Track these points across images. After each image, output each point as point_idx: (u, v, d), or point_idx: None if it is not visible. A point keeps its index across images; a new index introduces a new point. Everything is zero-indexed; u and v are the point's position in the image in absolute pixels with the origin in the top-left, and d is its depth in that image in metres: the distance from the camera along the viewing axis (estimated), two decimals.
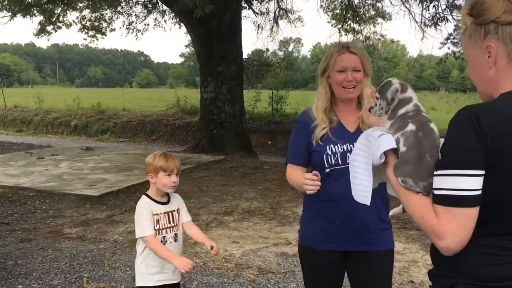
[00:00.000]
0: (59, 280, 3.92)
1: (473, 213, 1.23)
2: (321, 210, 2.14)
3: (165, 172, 2.52)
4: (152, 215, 2.50)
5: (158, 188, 2.57)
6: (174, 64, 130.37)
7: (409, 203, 1.37)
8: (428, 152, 1.35)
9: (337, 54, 2.09)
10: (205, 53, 11.96)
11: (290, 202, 6.53)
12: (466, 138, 1.22)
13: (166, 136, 16.84)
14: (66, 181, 7.48)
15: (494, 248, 1.27)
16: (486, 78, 1.35)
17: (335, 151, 2.08)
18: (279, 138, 15.24)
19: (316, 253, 2.17)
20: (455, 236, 1.23)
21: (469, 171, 1.22)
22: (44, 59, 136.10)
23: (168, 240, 2.55)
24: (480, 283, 1.26)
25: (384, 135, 1.46)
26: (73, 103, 20.70)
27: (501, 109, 1.25)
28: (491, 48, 1.31)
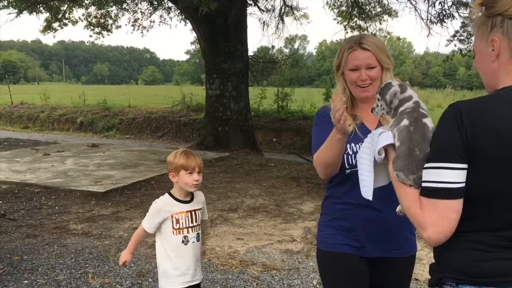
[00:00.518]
0: (64, 276, 3.94)
1: (454, 205, 1.25)
2: (342, 214, 2.00)
3: (186, 170, 2.44)
4: (170, 215, 2.45)
5: (180, 187, 2.50)
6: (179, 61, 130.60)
7: (401, 195, 1.41)
8: (417, 146, 1.38)
9: (349, 52, 1.95)
10: (211, 50, 11.96)
11: (294, 199, 6.53)
12: (448, 132, 1.26)
13: (171, 133, 16.88)
14: (72, 178, 7.52)
15: (482, 244, 1.27)
16: (490, 71, 1.36)
17: (356, 151, 1.95)
18: (284, 135, 15.24)
19: (337, 260, 2.01)
20: (436, 227, 1.26)
21: (450, 164, 1.25)
22: (50, 56, 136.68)
23: (190, 240, 2.48)
24: (467, 278, 1.27)
25: (384, 132, 1.53)
26: (79, 100, 20.78)
27: (485, 105, 1.27)
28: (494, 42, 1.31)
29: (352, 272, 2.00)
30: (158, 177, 7.71)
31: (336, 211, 2.03)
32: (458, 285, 1.28)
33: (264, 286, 3.78)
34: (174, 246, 2.46)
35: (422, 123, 1.42)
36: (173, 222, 2.45)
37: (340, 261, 2.00)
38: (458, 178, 1.24)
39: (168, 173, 2.52)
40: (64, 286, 3.75)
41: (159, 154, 10.25)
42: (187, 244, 2.46)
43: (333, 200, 2.05)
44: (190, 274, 2.49)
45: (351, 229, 1.98)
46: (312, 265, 4.22)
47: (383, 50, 1.96)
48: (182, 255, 2.47)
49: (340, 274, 2.03)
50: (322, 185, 7.22)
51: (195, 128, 16.21)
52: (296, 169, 8.81)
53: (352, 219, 1.97)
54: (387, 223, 1.92)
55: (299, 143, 14.41)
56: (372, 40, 1.97)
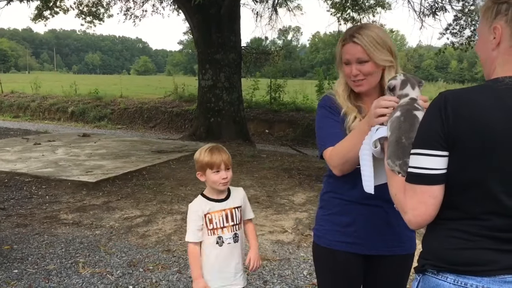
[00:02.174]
0: (54, 265, 3.92)
1: (432, 190, 1.28)
2: (343, 209, 1.96)
3: (212, 168, 2.29)
4: (204, 215, 2.31)
5: (210, 187, 2.35)
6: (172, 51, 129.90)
7: (391, 183, 1.45)
8: (404, 135, 1.44)
9: (341, 44, 1.91)
10: (203, 40, 11.89)
11: (286, 191, 6.54)
12: (431, 119, 1.28)
13: (163, 123, 16.83)
14: (63, 167, 7.47)
15: (462, 232, 1.28)
16: (489, 59, 1.36)
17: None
18: (277, 127, 15.25)
19: (333, 255, 1.98)
20: (415, 210, 1.29)
21: (428, 151, 1.27)
22: (41, 44, 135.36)
23: (225, 241, 2.31)
24: (447, 266, 1.29)
25: (380, 128, 1.59)
26: (70, 89, 20.62)
27: (471, 96, 1.27)
28: (496, 30, 1.30)
29: (347, 270, 1.99)
30: (150, 167, 7.68)
31: (336, 205, 1.99)
32: (439, 272, 1.30)
33: (255, 276, 3.79)
34: (209, 247, 2.33)
35: (413, 114, 1.47)
36: (207, 222, 2.31)
37: (336, 259, 1.98)
38: (437, 165, 1.26)
39: (196, 172, 2.38)
40: (54, 275, 3.73)
41: (151, 145, 10.21)
42: (222, 245, 2.30)
43: (334, 194, 2.00)
44: (226, 278, 2.33)
45: (351, 224, 1.94)
46: (303, 256, 4.24)
47: (379, 45, 1.85)
48: (217, 257, 2.32)
49: (335, 272, 2.01)
50: (314, 176, 7.25)
51: (187, 119, 16.17)
52: (288, 160, 8.82)
53: (352, 215, 1.93)
54: (388, 220, 1.90)
55: (291, 134, 14.43)
56: (368, 33, 1.84)
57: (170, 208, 5.60)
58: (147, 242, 4.52)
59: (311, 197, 6.20)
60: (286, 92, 17.65)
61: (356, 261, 1.97)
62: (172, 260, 4.09)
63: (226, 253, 2.32)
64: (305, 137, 14.10)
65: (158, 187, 6.56)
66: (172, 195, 6.16)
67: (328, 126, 1.94)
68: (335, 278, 2.01)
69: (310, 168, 7.98)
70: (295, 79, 38.99)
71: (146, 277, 3.75)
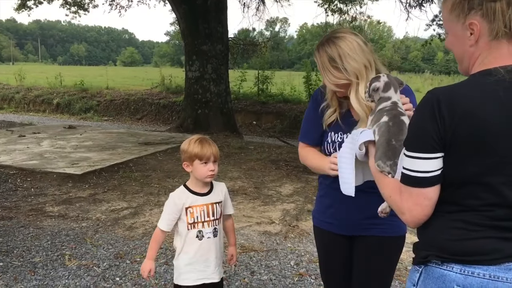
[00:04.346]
0: (40, 258, 3.89)
1: (427, 192, 1.29)
2: (326, 192, 2.11)
3: (201, 160, 2.28)
4: (185, 208, 2.31)
5: (196, 178, 2.35)
6: (159, 42, 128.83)
7: (381, 185, 1.48)
8: (394, 137, 1.50)
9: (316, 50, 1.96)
10: (190, 31, 11.81)
11: (274, 182, 6.56)
12: (425, 122, 1.27)
13: (150, 115, 16.71)
14: (48, 160, 7.39)
15: (464, 223, 1.29)
16: (467, 54, 1.34)
17: (334, 140, 2.01)
18: (264, 118, 15.24)
19: (322, 233, 2.19)
20: (412, 211, 1.32)
21: (424, 155, 1.27)
22: (25, 35, 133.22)
23: (205, 235, 2.32)
24: (450, 256, 1.29)
25: (365, 130, 1.63)
26: (55, 80, 20.35)
27: (462, 91, 1.26)
28: (474, 26, 1.28)
29: (333, 248, 2.16)
30: (137, 159, 7.64)
31: (323, 188, 2.15)
32: (443, 263, 1.30)
33: (242, 267, 3.80)
34: (188, 241, 2.33)
35: (400, 120, 1.55)
36: (188, 216, 2.31)
37: (324, 237, 2.18)
38: (433, 167, 1.27)
39: (182, 162, 2.37)
40: (40, 268, 3.71)
41: (137, 137, 10.15)
42: (201, 239, 2.32)
43: (322, 179, 2.15)
44: (204, 271, 2.35)
45: (330, 206, 2.09)
46: (290, 247, 4.26)
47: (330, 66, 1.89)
48: (196, 251, 2.33)
49: (324, 249, 2.22)
50: (301, 168, 7.26)
51: (174, 111, 16.08)
52: (275, 152, 8.83)
53: (332, 197, 2.06)
54: (368, 203, 1.92)
55: (279, 126, 14.44)
56: (327, 50, 1.89)
57: (157, 200, 5.59)
58: (134, 234, 4.51)
59: (298, 188, 6.23)
60: (273, 83, 17.64)
61: (341, 241, 2.11)
62: (159, 252, 4.08)
63: (205, 247, 2.34)
64: (292, 128, 14.12)
65: (145, 179, 6.53)
66: (159, 187, 6.13)
67: (306, 119, 2.15)
68: (325, 254, 2.23)
69: (297, 160, 7.92)
70: (282, 71, 38.94)
71: (133, 269, 3.74)
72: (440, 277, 1.30)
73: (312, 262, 3.91)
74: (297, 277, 3.67)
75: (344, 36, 1.90)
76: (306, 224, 4.85)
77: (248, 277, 3.64)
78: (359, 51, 1.88)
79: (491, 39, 1.27)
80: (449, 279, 1.28)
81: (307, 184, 6.42)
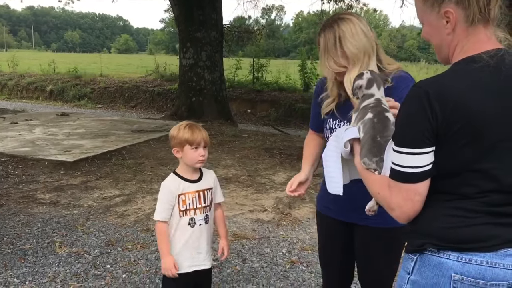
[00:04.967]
0: (30, 245, 3.87)
1: (417, 188, 1.27)
2: None
3: (191, 145, 2.26)
4: (177, 195, 2.28)
5: (186, 164, 2.32)
6: (154, 30, 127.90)
7: (368, 182, 1.46)
8: (379, 134, 1.49)
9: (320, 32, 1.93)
10: (184, 18, 11.69)
11: (267, 170, 6.54)
12: (415, 116, 1.25)
13: (145, 103, 16.63)
14: (40, 147, 7.33)
15: (461, 210, 1.27)
16: (445, 43, 1.34)
17: (332, 127, 2.00)
18: (259, 106, 15.19)
19: (321, 218, 2.20)
20: (402, 207, 1.30)
21: (416, 150, 1.25)
22: (18, 22, 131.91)
23: (197, 222, 2.31)
24: (447, 244, 1.27)
25: (349, 128, 1.63)
26: (48, 67, 20.17)
27: (449, 82, 1.25)
28: (449, 14, 1.28)
29: (332, 233, 2.16)
30: (130, 147, 7.59)
31: None
32: (440, 251, 1.28)
33: (234, 254, 3.79)
34: (180, 228, 2.31)
35: (385, 116, 1.54)
36: (180, 203, 2.28)
37: (323, 222, 2.19)
38: (423, 162, 1.25)
39: (172, 148, 2.34)
40: (30, 255, 3.68)
41: (131, 124, 10.08)
42: (193, 227, 2.30)
43: None
44: (196, 258, 2.34)
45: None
46: (283, 234, 4.25)
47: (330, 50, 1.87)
48: (188, 238, 2.31)
49: (324, 233, 2.23)
50: (295, 156, 7.25)
51: (169, 98, 15.99)
52: (270, 140, 8.80)
53: None
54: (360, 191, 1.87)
55: (274, 114, 14.40)
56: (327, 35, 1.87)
57: (150, 188, 5.56)
58: (126, 221, 4.48)
59: (292, 176, 6.16)
60: (268, 71, 17.56)
61: (340, 227, 2.10)
62: (151, 239, 4.06)
63: (197, 234, 2.33)
64: (287, 117, 14.09)
65: (138, 166, 6.49)
66: (152, 175, 6.10)
67: (312, 108, 2.20)
68: (324, 239, 2.23)
69: (291, 148, 7.98)
70: (278, 59, 38.75)
71: (124, 256, 3.73)
72: (437, 265, 1.28)
73: (304, 250, 3.91)
74: (289, 264, 3.66)
75: (350, 19, 1.87)
76: (299, 212, 4.84)
77: (240, 265, 3.63)
78: (361, 36, 1.85)
79: (468, 25, 1.27)
80: (446, 266, 1.26)
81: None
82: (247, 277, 3.44)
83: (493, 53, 1.25)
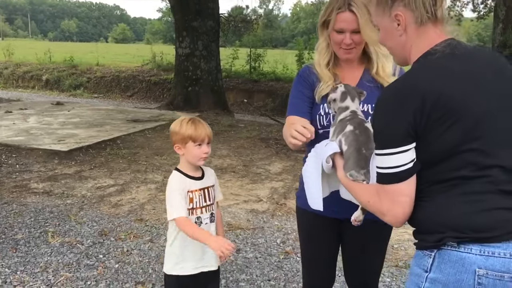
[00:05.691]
0: (23, 235, 3.83)
1: (403, 188, 1.29)
2: None
3: (195, 142, 2.12)
4: (186, 192, 2.14)
5: (187, 161, 2.18)
6: (151, 19, 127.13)
7: (357, 193, 1.49)
8: (364, 146, 1.53)
9: (337, 12, 1.84)
10: (180, 7, 11.58)
11: (262, 160, 6.51)
12: (392, 117, 1.28)
13: (141, 92, 16.54)
14: (34, 136, 7.28)
15: (470, 195, 1.26)
16: (400, 45, 1.41)
17: (327, 112, 1.92)
18: (256, 96, 15.12)
19: (306, 215, 2.06)
20: (391, 211, 1.32)
21: (398, 149, 1.27)
22: (15, 10, 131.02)
23: (203, 221, 2.18)
24: (466, 234, 1.24)
25: (329, 143, 1.65)
26: (44, 56, 20.01)
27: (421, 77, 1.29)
28: (399, 17, 1.35)
29: (317, 230, 2.08)
30: (125, 136, 7.54)
31: None
32: (460, 245, 1.24)
33: None
34: None
35: (365, 127, 1.58)
36: (187, 201, 2.15)
37: (308, 219, 2.08)
38: (404, 160, 1.27)
39: (173, 144, 2.19)
40: (22, 245, 3.65)
41: (126, 114, 10.02)
42: (200, 226, 2.16)
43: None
44: (202, 259, 2.20)
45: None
46: (277, 224, 4.23)
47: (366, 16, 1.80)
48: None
49: (308, 231, 2.14)
50: None
51: (165, 88, 15.90)
52: (266, 130, 8.77)
53: None
54: None
55: (270, 104, 14.34)
56: (361, 3, 1.81)
57: (144, 178, 5.52)
58: (120, 211, 4.45)
59: (287, 167, 6.18)
60: (266, 61, 17.46)
61: (328, 223, 2.03)
62: (145, 230, 4.04)
63: None
64: (284, 107, 13.75)
65: (132, 156, 6.45)
66: (147, 164, 6.07)
67: (292, 95, 2.05)
68: (308, 236, 2.14)
69: None
70: (275, 49, 38.57)
71: (118, 246, 3.70)
72: (458, 261, 1.24)
73: (298, 241, 3.87)
74: (283, 255, 3.64)
75: None
76: (294, 202, 4.78)
77: (234, 255, 3.60)
78: None
79: (418, 26, 1.35)
80: (468, 261, 1.22)
81: (296, 163, 6.37)
82: (241, 267, 3.43)
83: (445, 43, 1.32)
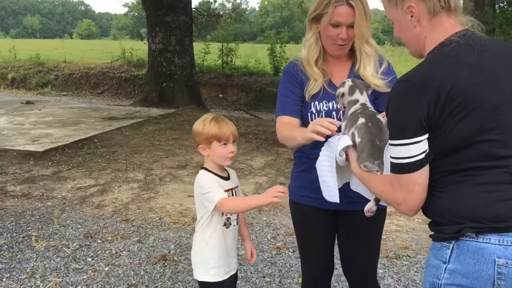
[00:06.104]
0: (5, 240, 3.70)
1: (416, 178, 1.30)
2: (308, 167, 1.97)
3: (220, 141, 2.03)
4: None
5: (213, 162, 2.08)
6: (117, 14, 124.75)
7: (371, 184, 1.51)
8: (377, 137, 1.55)
9: (335, 5, 1.80)
10: (152, 1, 11.39)
11: (244, 155, 6.47)
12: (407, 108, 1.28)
13: (112, 89, 16.20)
14: (7, 137, 7.04)
15: (488, 185, 1.26)
16: (414, 37, 1.41)
17: (319, 109, 1.91)
18: (230, 91, 15.03)
19: (303, 209, 2.07)
20: (406, 201, 1.33)
21: (409, 140, 1.28)
22: None
23: (232, 223, 2.09)
24: (484, 224, 1.24)
25: (342, 137, 1.67)
26: (9, 54, 19.35)
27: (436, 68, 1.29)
28: (412, 8, 1.36)
29: (315, 223, 2.09)
30: (101, 135, 7.37)
31: (303, 163, 2.06)
32: (478, 235, 1.25)
33: None
34: (217, 230, 2.06)
35: (377, 119, 1.62)
36: None
37: (305, 212, 2.08)
38: (417, 151, 1.27)
39: (197, 145, 2.09)
40: (5, 250, 3.52)
41: (100, 111, 9.80)
42: (228, 228, 2.08)
43: (301, 154, 2.06)
44: (230, 263, 2.12)
45: (316, 181, 1.93)
46: (266, 220, 4.22)
47: (361, 12, 1.80)
48: (222, 241, 2.07)
49: (305, 224, 2.13)
50: (271, 140, 7.21)
51: (137, 84, 15.61)
52: (244, 125, 8.73)
53: (315, 172, 1.91)
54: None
55: (244, 99, 14.29)
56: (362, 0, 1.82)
57: (125, 176, 5.41)
58: (104, 212, 4.35)
59: (270, 161, 6.17)
60: (238, 56, 17.36)
61: (324, 215, 2.04)
62: (132, 230, 3.96)
63: (230, 236, 2.11)
64: (258, 101, 14.00)
65: (111, 155, 6.31)
66: (126, 163, 5.95)
67: (281, 94, 2.02)
68: (305, 229, 2.14)
69: (266, 132, 7.93)
70: (245, 43, 38.42)
71: (105, 248, 3.61)
72: (477, 251, 1.25)
73: (288, 235, 3.88)
74: (275, 250, 3.63)
75: None
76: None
77: None
78: None
79: (431, 17, 1.35)
80: (488, 252, 1.24)
81: (278, 157, 6.37)
82: None
83: (460, 34, 1.32)
